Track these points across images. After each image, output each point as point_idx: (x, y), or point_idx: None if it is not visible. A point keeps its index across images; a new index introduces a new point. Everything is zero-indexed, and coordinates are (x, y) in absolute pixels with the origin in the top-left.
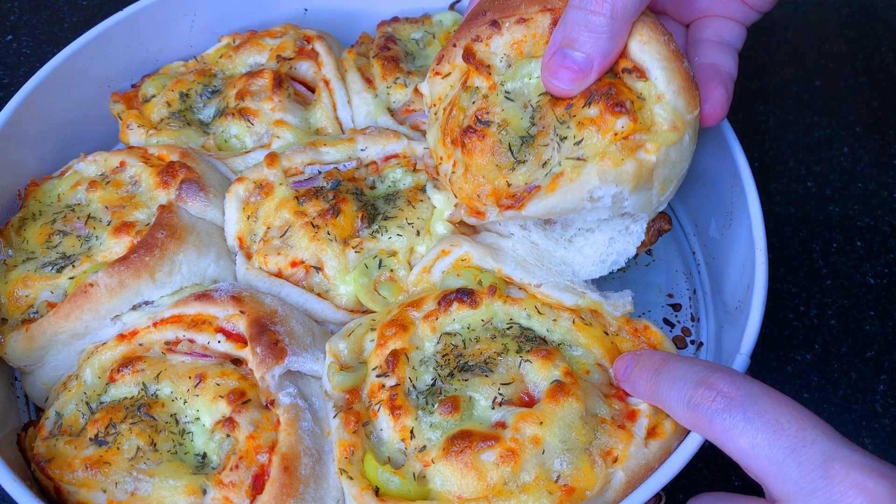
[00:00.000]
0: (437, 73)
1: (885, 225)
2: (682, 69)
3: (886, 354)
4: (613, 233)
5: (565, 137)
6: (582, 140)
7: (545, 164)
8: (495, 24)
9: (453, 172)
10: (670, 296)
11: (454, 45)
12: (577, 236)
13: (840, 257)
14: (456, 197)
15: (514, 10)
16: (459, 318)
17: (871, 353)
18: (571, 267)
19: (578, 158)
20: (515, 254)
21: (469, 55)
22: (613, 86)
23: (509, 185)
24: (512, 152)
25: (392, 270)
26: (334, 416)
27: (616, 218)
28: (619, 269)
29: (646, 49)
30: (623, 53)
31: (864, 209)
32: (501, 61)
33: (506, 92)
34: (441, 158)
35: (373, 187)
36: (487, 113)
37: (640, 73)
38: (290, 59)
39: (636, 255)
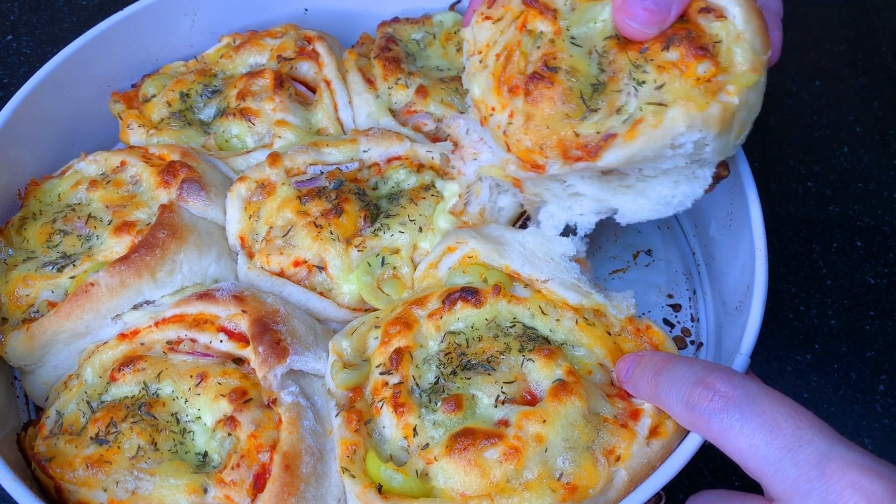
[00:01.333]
0: (488, 18)
1: (885, 225)
2: (757, 8)
3: (886, 354)
4: (679, 177)
5: (643, 82)
6: (663, 84)
7: (619, 110)
8: None
9: (509, 123)
10: (670, 296)
11: None
12: (638, 182)
13: (840, 257)
14: (509, 150)
15: None
16: (464, 317)
17: (871, 353)
18: (633, 208)
19: (659, 104)
20: (523, 248)
21: None
22: (692, 29)
23: (578, 135)
24: (583, 100)
25: (395, 268)
26: (336, 415)
27: (683, 165)
28: (619, 269)
29: None
30: None
31: (864, 209)
32: (565, 5)
33: (571, 37)
34: (493, 109)
35: (375, 188)
36: (554, 59)
37: (717, 13)
38: (291, 59)
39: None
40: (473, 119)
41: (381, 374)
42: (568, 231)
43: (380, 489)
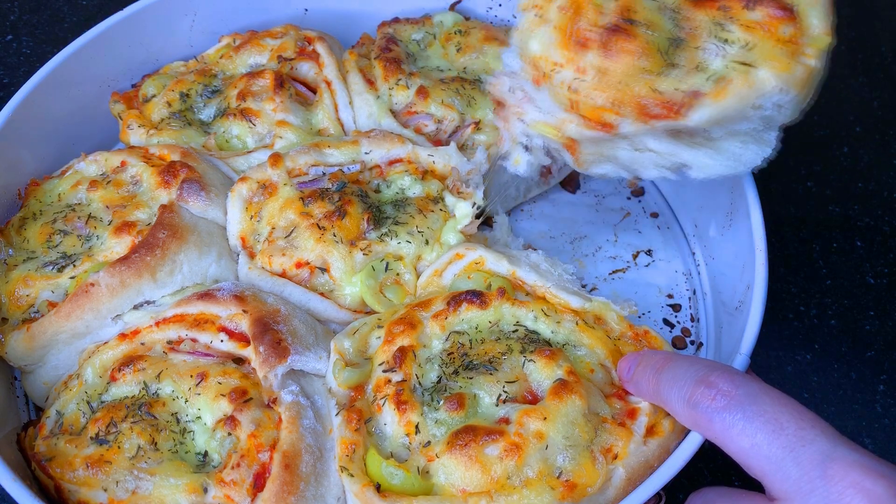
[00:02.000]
0: None
1: (886, 225)
2: None
3: (886, 354)
4: (747, 138)
5: (726, 41)
6: (750, 44)
7: (700, 68)
8: None
9: (579, 80)
10: (670, 296)
11: None
12: (707, 141)
13: (840, 257)
14: (573, 109)
15: None
16: (468, 318)
17: (871, 353)
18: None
19: (745, 63)
20: (529, 260)
21: None
22: None
23: (657, 91)
24: (662, 55)
25: (398, 274)
26: (336, 414)
27: (755, 128)
28: (619, 270)
29: None
30: None
31: (864, 209)
32: None
33: None
34: (557, 65)
35: (377, 191)
36: (632, 11)
37: None
38: (291, 59)
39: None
40: (520, 77)
41: (385, 371)
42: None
43: (378, 488)
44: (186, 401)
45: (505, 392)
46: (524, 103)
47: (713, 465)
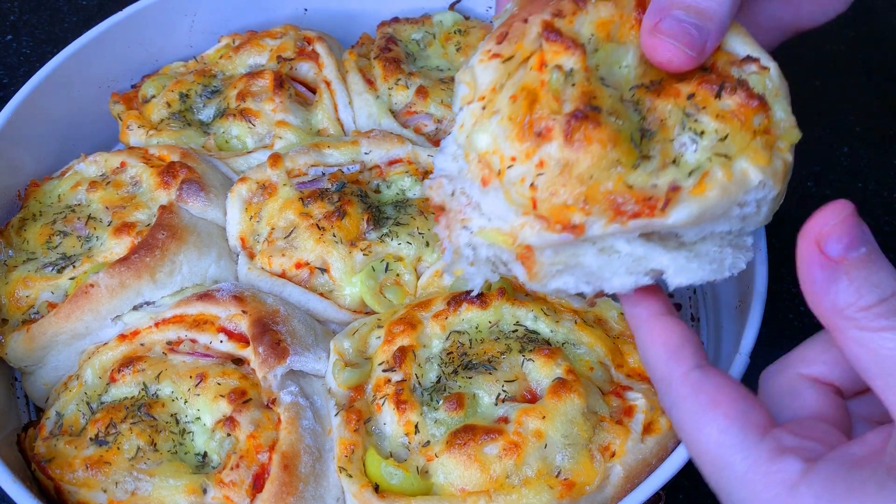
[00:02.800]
0: (497, 56)
1: (886, 225)
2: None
3: None
4: (722, 243)
5: (702, 132)
6: (727, 135)
7: (676, 161)
8: None
9: (538, 175)
10: (671, 296)
11: (524, 21)
12: (681, 245)
13: None
14: (534, 208)
15: None
16: (468, 318)
17: None
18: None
19: (723, 155)
20: None
21: (553, 31)
22: (739, 78)
23: (631, 186)
24: (635, 145)
25: (398, 275)
26: (336, 414)
27: (730, 231)
28: None
29: (747, 39)
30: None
31: (864, 209)
32: (589, 43)
33: (601, 78)
34: (512, 160)
35: (377, 191)
36: (595, 97)
37: (758, 63)
38: (291, 59)
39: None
40: (462, 177)
41: (384, 371)
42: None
43: (377, 488)
44: (186, 402)
45: (504, 391)
46: (468, 209)
47: None
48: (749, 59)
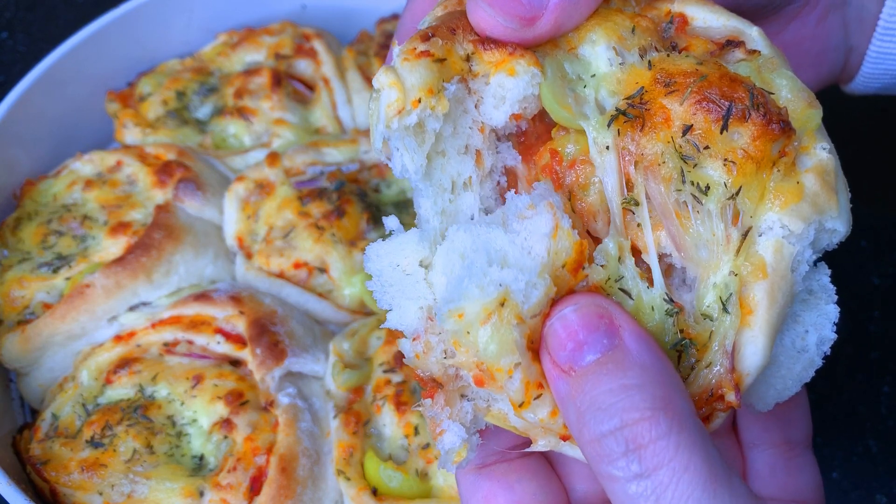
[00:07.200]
0: (426, 55)
1: (891, 225)
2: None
3: (891, 356)
4: (801, 313)
5: (707, 186)
6: (741, 189)
7: (705, 315)
8: None
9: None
10: None
11: (450, 31)
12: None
13: (845, 257)
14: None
15: None
16: None
17: (876, 354)
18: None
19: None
20: None
21: (489, 43)
22: (735, 86)
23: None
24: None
25: None
26: (334, 417)
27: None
28: None
29: (715, 8)
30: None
31: (869, 209)
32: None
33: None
34: (522, 405)
35: (377, 190)
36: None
37: (743, 48)
38: (289, 57)
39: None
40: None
41: (385, 372)
42: None
43: (375, 492)
44: (182, 403)
45: None
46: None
47: None
48: (730, 44)
